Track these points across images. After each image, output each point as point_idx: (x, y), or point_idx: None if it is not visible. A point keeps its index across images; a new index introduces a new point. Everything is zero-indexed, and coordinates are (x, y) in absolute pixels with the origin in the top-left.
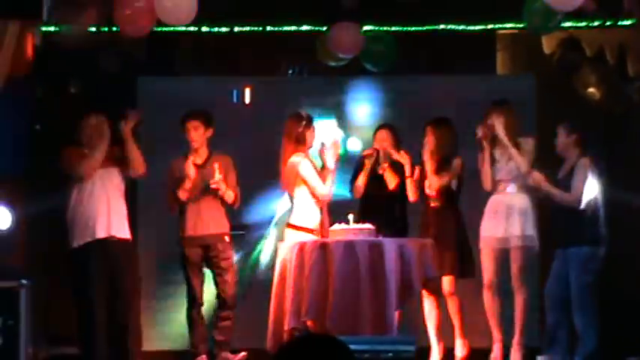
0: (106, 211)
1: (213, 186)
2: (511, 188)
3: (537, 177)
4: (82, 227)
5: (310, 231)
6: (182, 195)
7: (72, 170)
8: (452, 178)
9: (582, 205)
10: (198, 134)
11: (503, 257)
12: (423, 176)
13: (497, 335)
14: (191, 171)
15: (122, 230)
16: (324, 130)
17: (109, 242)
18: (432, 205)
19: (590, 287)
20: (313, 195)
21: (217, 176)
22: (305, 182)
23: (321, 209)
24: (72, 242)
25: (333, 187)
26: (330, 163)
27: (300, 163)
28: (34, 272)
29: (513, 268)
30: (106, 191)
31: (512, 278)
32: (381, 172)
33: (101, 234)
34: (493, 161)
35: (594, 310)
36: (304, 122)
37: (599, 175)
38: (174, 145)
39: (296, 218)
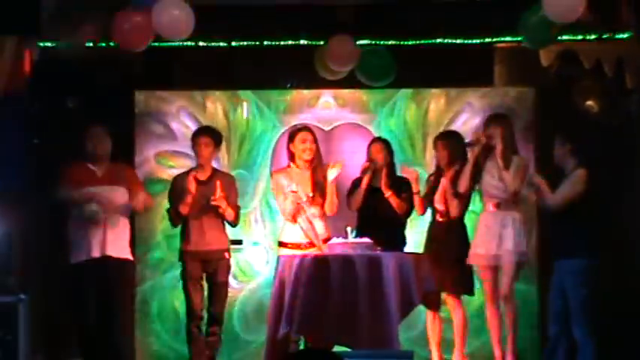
0: (102, 231)
1: (213, 203)
2: (503, 204)
3: (537, 178)
4: (78, 245)
5: (296, 246)
6: (183, 209)
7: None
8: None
9: (560, 211)
10: (208, 151)
11: (495, 272)
12: (433, 190)
13: (497, 352)
14: (192, 186)
15: (119, 250)
16: None
17: (105, 261)
18: (440, 219)
19: (587, 300)
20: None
21: (218, 194)
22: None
23: (308, 223)
24: (70, 259)
25: (333, 203)
26: (330, 177)
27: (272, 179)
28: (32, 287)
29: (503, 282)
30: (106, 210)
31: (500, 295)
32: (387, 196)
33: (95, 253)
34: (479, 171)
35: (593, 323)
36: (289, 136)
37: (596, 187)
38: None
39: (281, 235)
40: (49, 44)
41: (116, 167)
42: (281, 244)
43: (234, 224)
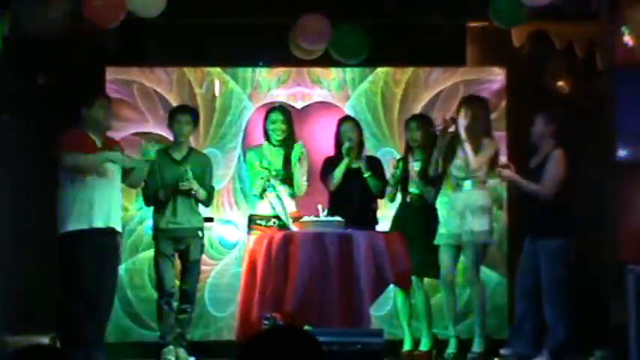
0: (106, 200)
1: (182, 188)
2: (467, 185)
3: (506, 173)
4: (78, 213)
5: (265, 219)
6: (162, 196)
7: (73, 159)
8: (490, 157)
9: (552, 197)
10: (187, 129)
11: (457, 253)
12: (405, 170)
13: (452, 330)
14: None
15: (118, 222)
16: None
17: (105, 232)
18: (410, 201)
19: (562, 281)
20: None
21: (188, 178)
22: None
23: (278, 200)
24: (62, 227)
25: (301, 184)
26: (293, 158)
27: (245, 155)
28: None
29: (467, 263)
30: (107, 179)
31: (466, 273)
32: (365, 176)
33: (98, 223)
34: (452, 155)
35: (565, 303)
36: (265, 114)
37: (571, 168)
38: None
39: (254, 209)
40: (19, 19)
41: (108, 139)
42: (251, 219)
43: (207, 204)
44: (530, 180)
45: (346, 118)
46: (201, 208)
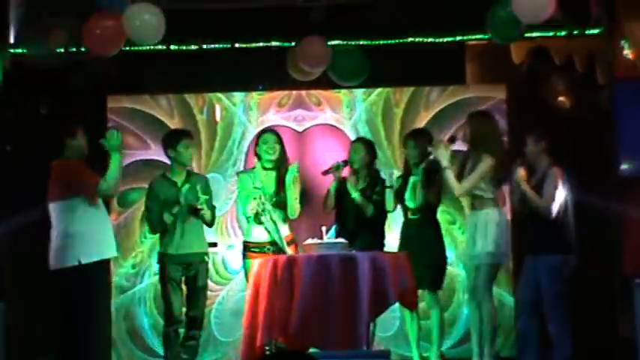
0: (111, 229)
1: (199, 207)
2: (477, 204)
3: (522, 173)
4: (89, 244)
5: (259, 245)
6: (168, 219)
7: (83, 187)
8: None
9: (553, 214)
10: (190, 153)
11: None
12: (402, 187)
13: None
14: (182, 198)
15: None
16: None
17: (108, 260)
18: (411, 217)
19: (562, 295)
20: None
21: (202, 198)
22: None
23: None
24: (70, 259)
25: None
26: (287, 180)
27: (237, 179)
28: (7, 295)
29: (477, 283)
30: (106, 208)
31: (476, 292)
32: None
33: (110, 253)
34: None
35: (568, 318)
36: (255, 139)
37: (569, 184)
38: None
39: (247, 235)
40: (20, 51)
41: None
42: (245, 246)
43: (210, 225)
44: None
45: (355, 140)
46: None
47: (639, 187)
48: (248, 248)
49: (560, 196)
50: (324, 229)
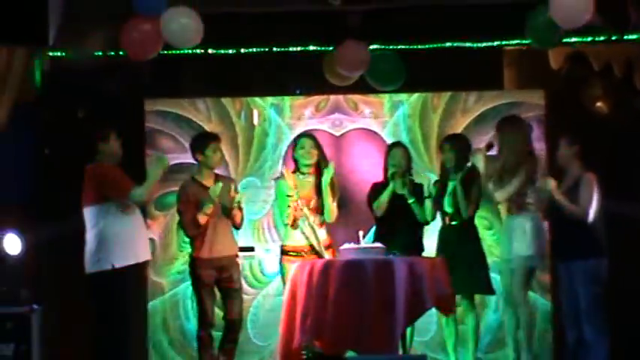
0: (145, 233)
1: (235, 205)
2: (513, 209)
3: (553, 184)
4: (122, 249)
5: (297, 250)
6: (202, 219)
7: (114, 192)
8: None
9: (590, 219)
10: (218, 156)
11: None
12: (440, 193)
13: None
14: (214, 195)
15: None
16: None
17: (144, 264)
18: (450, 222)
19: (598, 298)
20: None
21: (239, 196)
22: None
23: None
24: (104, 263)
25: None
26: (323, 182)
27: (275, 185)
28: (45, 297)
29: (514, 287)
30: (140, 212)
31: (513, 296)
32: (410, 202)
33: (145, 257)
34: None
35: (605, 321)
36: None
37: (602, 188)
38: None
39: (284, 240)
40: (58, 54)
41: None
42: (283, 250)
43: (239, 227)
44: None
45: (394, 144)
46: (240, 237)
47: None
48: (285, 252)
49: (596, 201)
50: (361, 233)
